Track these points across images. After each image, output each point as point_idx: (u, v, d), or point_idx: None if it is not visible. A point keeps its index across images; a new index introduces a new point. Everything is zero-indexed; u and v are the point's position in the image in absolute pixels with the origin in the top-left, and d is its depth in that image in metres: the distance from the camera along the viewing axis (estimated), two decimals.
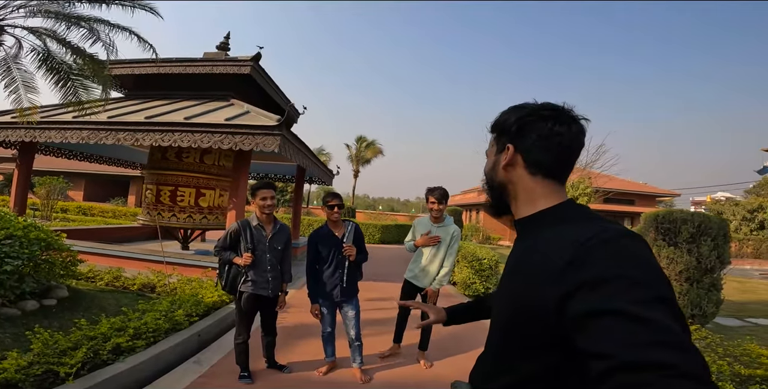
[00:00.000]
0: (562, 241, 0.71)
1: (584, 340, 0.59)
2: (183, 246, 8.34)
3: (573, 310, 0.61)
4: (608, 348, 0.55)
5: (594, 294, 0.60)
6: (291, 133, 6.24)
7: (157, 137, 6.15)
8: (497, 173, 0.91)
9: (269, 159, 10.15)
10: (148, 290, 5.12)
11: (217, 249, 3.08)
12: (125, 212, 18.55)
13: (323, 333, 3.33)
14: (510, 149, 0.86)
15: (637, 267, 0.61)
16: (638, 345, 0.52)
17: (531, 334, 0.72)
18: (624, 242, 0.65)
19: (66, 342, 2.84)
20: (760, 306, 7.62)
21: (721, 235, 4.87)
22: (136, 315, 3.56)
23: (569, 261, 0.66)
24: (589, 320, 0.59)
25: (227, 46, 8.33)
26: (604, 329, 0.56)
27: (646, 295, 0.57)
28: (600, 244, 0.65)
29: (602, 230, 0.68)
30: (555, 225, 0.78)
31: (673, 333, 0.53)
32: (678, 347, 0.52)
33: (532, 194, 0.85)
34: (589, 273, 0.62)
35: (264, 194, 3.03)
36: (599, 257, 0.64)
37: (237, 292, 3.03)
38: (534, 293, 0.71)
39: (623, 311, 0.55)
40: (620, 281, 0.59)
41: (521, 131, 0.85)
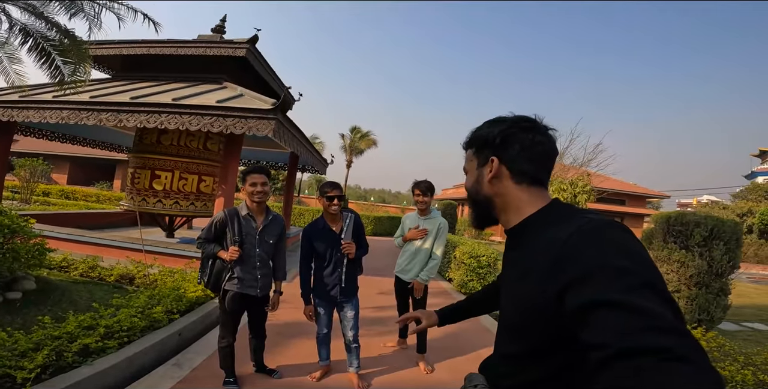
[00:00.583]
0: (548, 241, 0.73)
1: (583, 333, 0.60)
2: (167, 234, 7.97)
3: (569, 305, 0.63)
4: (604, 337, 0.56)
5: (584, 287, 0.61)
6: (286, 118, 5.89)
7: (142, 118, 5.77)
8: (482, 186, 0.92)
9: (261, 145, 9.78)
10: (126, 282, 4.77)
11: (200, 241, 2.73)
12: (110, 196, 18.06)
13: (318, 334, 3.04)
14: (495, 161, 0.89)
15: (620, 255, 0.62)
16: (632, 332, 0.53)
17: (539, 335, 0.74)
18: (604, 232, 0.67)
19: (27, 343, 2.52)
20: (753, 310, 7.55)
21: (734, 239, 4.68)
22: (110, 311, 3.22)
23: (556, 259, 0.68)
24: (584, 313, 0.60)
25: (223, 29, 7.92)
26: (598, 320, 0.57)
27: (633, 282, 0.58)
28: (581, 237, 0.68)
29: (583, 224, 0.70)
30: (542, 228, 0.80)
31: (664, 318, 0.54)
32: (671, 331, 0.52)
33: (519, 202, 0.88)
34: (577, 268, 0.64)
35: (254, 178, 2.66)
36: (583, 250, 0.66)
37: (221, 290, 2.69)
38: (534, 295, 0.73)
39: (613, 301, 0.57)
40: (606, 272, 0.60)
41: (505, 143, 0.88)
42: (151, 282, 4.57)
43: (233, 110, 5.50)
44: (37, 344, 2.55)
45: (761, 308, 7.94)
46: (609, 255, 0.62)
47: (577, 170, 15.43)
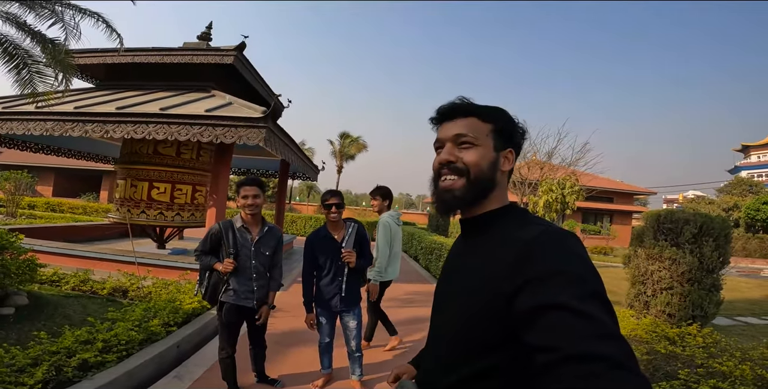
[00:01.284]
0: (511, 239, 0.74)
1: (532, 334, 0.61)
2: (159, 245, 7.85)
3: (521, 305, 0.64)
4: (554, 341, 0.57)
5: (540, 288, 0.63)
6: (277, 126, 5.88)
7: (129, 128, 5.70)
8: (496, 173, 0.88)
9: (251, 154, 9.72)
10: (119, 295, 4.69)
11: (197, 253, 2.72)
12: (97, 208, 17.76)
13: (320, 343, 3.02)
14: (512, 153, 0.89)
15: (578, 264, 0.65)
16: (580, 338, 0.55)
17: (485, 331, 0.73)
18: (566, 241, 0.70)
19: (24, 358, 2.48)
20: (745, 304, 7.67)
21: (722, 235, 4.77)
22: (106, 324, 3.17)
23: (516, 259, 0.69)
24: (535, 314, 0.61)
25: (209, 37, 7.86)
26: (549, 323, 0.59)
27: (585, 290, 0.60)
28: (545, 242, 0.69)
29: (546, 230, 0.72)
30: (502, 225, 0.82)
31: (610, 326, 0.57)
32: (614, 339, 0.55)
33: (501, 196, 0.89)
34: (536, 269, 0.65)
35: (246, 191, 2.64)
36: (545, 253, 0.67)
37: (218, 302, 2.67)
38: (486, 289, 0.73)
39: (567, 305, 0.58)
40: (565, 277, 0.62)
41: (520, 139, 0.90)
42: (145, 295, 4.50)
43: (223, 119, 5.47)
44: (35, 359, 2.50)
45: (753, 302, 8.06)
46: (568, 262, 0.65)
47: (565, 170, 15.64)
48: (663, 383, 2.73)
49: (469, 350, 0.77)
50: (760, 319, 6.35)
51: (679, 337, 3.55)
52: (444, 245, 8.21)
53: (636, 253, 5.27)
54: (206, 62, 6.92)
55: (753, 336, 4.94)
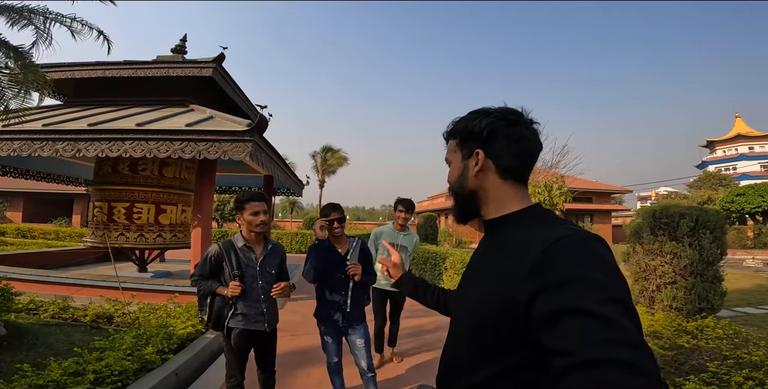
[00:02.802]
0: (531, 242, 0.72)
1: (549, 338, 0.60)
2: (140, 269, 7.45)
3: (540, 308, 0.63)
4: (572, 345, 0.56)
5: (560, 293, 0.61)
6: (263, 139, 5.67)
7: (104, 146, 5.38)
8: (468, 179, 0.90)
9: (231, 170, 9.43)
10: (104, 322, 4.36)
11: (195, 278, 2.47)
12: (70, 232, 17.05)
13: (329, 364, 2.82)
14: (480, 154, 0.87)
15: (600, 269, 0.63)
16: (600, 343, 0.54)
17: (502, 333, 0.72)
18: (589, 246, 0.68)
19: None
20: (739, 294, 7.78)
21: (719, 227, 4.80)
22: (95, 354, 2.91)
23: (538, 262, 0.67)
24: (554, 318, 0.60)
25: (184, 49, 7.64)
26: (569, 327, 0.58)
27: (607, 296, 0.59)
28: (567, 246, 0.67)
29: (569, 234, 0.70)
30: (524, 227, 0.80)
31: (631, 332, 0.56)
32: (635, 345, 0.54)
33: (503, 198, 0.87)
34: (556, 273, 0.64)
35: (255, 207, 2.42)
36: (566, 258, 0.66)
37: (225, 328, 2.44)
38: (505, 292, 0.71)
39: (587, 310, 0.57)
40: (585, 282, 0.61)
41: (492, 136, 0.86)
42: (132, 321, 4.19)
43: (205, 134, 5.23)
44: None
45: (746, 292, 8.21)
46: (591, 267, 0.64)
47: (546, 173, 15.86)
48: (691, 376, 2.65)
49: (485, 351, 0.76)
50: (758, 309, 6.44)
51: (698, 330, 3.50)
52: (438, 253, 8.04)
53: (635, 250, 5.25)
54: (183, 75, 6.69)
55: (759, 326, 4.96)
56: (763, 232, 21.25)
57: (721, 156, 52.54)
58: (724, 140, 52.84)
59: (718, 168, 49.35)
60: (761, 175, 42.92)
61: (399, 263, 1.38)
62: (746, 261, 16.71)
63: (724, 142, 53.00)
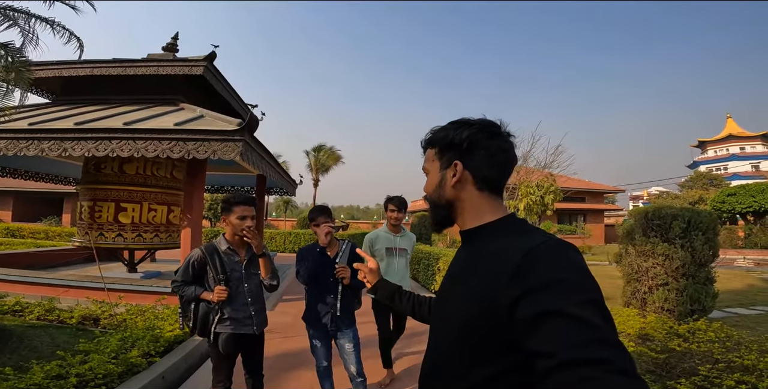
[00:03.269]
0: (511, 249, 0.74)
1: (532, 340, 0.63)
2: (129, 269, 7.35)
3: (523, 312, 0.65)
4: (553, 346, 0.59)
5: (541, 296, 0.64)
6: (254, 139, 5.60)
7: (90, 145, 5.28)
8: (445, 190, 0.91)
9: (222, 170, 9.34)
10: (90, 324, 4.30)
11: (177, 284, 2.39)
12: (59, 232, 16.84)
13: (318, 367, 2.77)
14: (459, 165, 0.88)
15: (576, 273, 0.67)
16: (581, 343, 0.57)
17: (486, 338, 0.72)
18: (565, 251, 0.71)
19: None
20: (730, 295, 7.80)
21: (711, 229, 4.81)
22: (78, 357, 2.85)
23: (519, 266, 0.69)
24: (536, 321, 0.62)
25: (175, 48, 7.52)
26: (548, 329, 0.61)
27: (585, 298, 0.62)
28: (546, 251, 0.71)
29: (546, 240, 0.73)
30: (501, 236, 0.81)
31: (607, 332, 0.59)
32: (612, 345, 0.57)
33: (479, 208, 0.88)
34: (538, 277, 0.66)
35: (244, 211, 2.35)
36: (546, 262, 0.69)
37: (211, 333, 2.36)
38: (488, 297, 0.72)
39: (564, 312, 0.60)
40: (564, 286, 0.64)
41: (471, 148, 0.87)
42: (119, 323, 4.12)
43: (194, 133, 5.14)
44: None
45: (737, 292, 8.24)
46: (568, 271, 0.66)
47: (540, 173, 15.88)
48: (683, 380, 2.63)
49: (471, 357, 0.76)
50: (749, 309, 6.46)
51: (689, 333, 3.49)
52: (431, 254, 8.01)
53: (627, 251, 5.25)
54: (173, 74, 6.59)
55: (750, 327, 4.96)
56: (753, 232, 21.43)
57: (713, 156, 53.02)
58: (716, 141, 53.32)
59: (710, 168, 49.79)
60: (752, 175, 43.34)
61: (375, 269, 1.36)
62: (737, 261, 16.85)
63: (715, 142, 53.49)
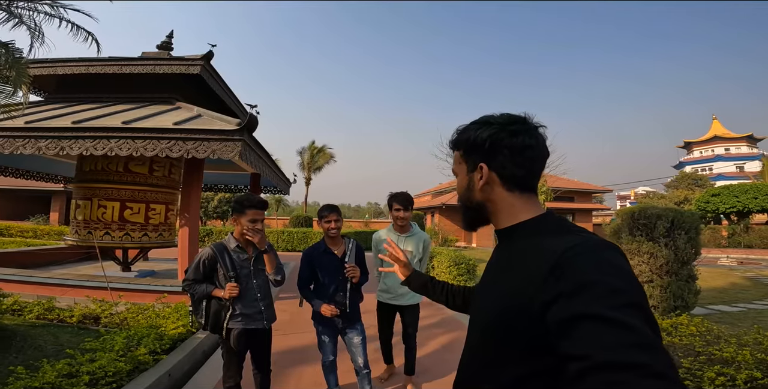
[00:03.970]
0: (545, 250, 0.73)
1: (564, 343, 0.61)
2: (123, 268, 7.34)
3: (555, 315, 0.64)
4: (587, 349, 0.57)
5: (575, 299, 0.62)
6: (253, 138, 5.65)
7: (88, 144, 5.30)
8: (474, 193, 0.91)
9: (215, 168, 9.34)
10: (90, 323, 4.33)
11: (188, 283, 2.49)
12: (48, 230, 16.62)
13: (324, 362, 2.87)
14: (484, 168, 0.87)
15: (615, 275, 0.64)
16: (616, 346, 0.55)
17: (520, 339, 0.72)
18: (604, 253, 0.69)
19: None
20: (713, 292, 8.06)
21: (693, 228, 5.01)
22: (87, 356, 2.91)
23: (553, 269, 0.68)
24: (569, 324, 0.61)
25: (170, 46, 7.54)
26: (584, 332, 0.59)
27: (623, 301, 0.60)
28: (582, 253, 0.68)
29: (583, 241, 0.71)
30: (537, 235, 0.80)
31: (646, 336, 0.56)
32: (651, 348, 0.55)
33: (512, 208, 0.87)
34: (572, 280, 0.65)
35: (256, 214, 2.45)
36: (581, 265, 0.66)
37: (224, 329, 2.47)
38: (521, 299, 0.72)
39: (602, 315, 0.58)
40: (599, 288, 0.62)
41: (494, 148, 0.85)
42: (120, 321, 4.17)
43: (194, 132, 5.19)
44: None
45: (720, 290, 8.50)
46: (605, 273, 0.64)
47: None
48: None
49: (504, 357, 0.77)
50: (731, 306, 6.69)
51: (672, 327, 3.65)
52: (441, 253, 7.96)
53: None
54: (170, 72, 6.61)
55: (731, 323, 5.17)
56: (737, 232, 21.97)
57: (698, 157, 54.12)
58: (701, 142, 54.42)
59: (695, 169, 50.82)
60: (736, 176, 44.34)
61: (405, 261, 1.43)
62: (720, 260, 17.28)
63: (700, 143, 54.60)
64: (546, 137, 0.89)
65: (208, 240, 17.21)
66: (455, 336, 4.72)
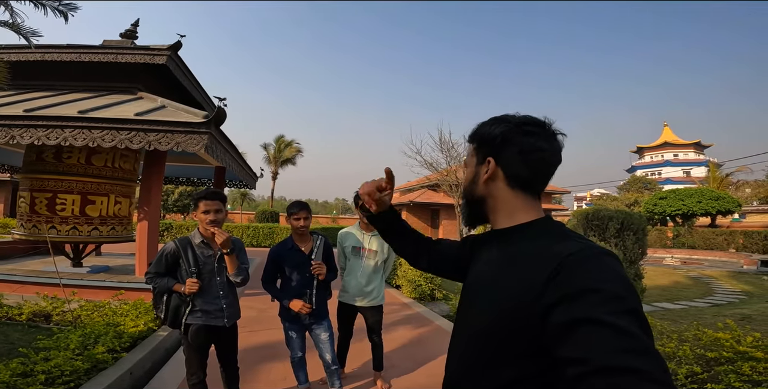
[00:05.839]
0: (547, 254, 0.74)
1: (564, 346, 0.62)
2: (74, 263, 6.92)
3: (556, 318, 0.65)
4: (588, 353, 0.58)
5: (576, 304, 0.64)
6: (220, 132, 5.53)
7: (41, 133, 5.03)
8: (477, 186, 0.92)
9: (178, 160, 9.06)
10: (41, 320, 4.14)
11: (150, 276, 2.44)
12: None
13: (293, 358, 2.89)
14: (491, 162, 0.88)
15: (615, 282, 0.65)
16: (614, 351, 0.56)
17: (516, 341, 0.73)
18: (603, 259, 0.70)
19: None
20: (657, 290, 8.63)
21: (641, 229, 5.36)
22: (42, 354, 2.79)
23: (555, 274, 0.69)
24: (570, 327, 0.62)
25: (135, 35, 7.22)
26: (585, 336, 0.60)
27: (623, 307, 0.61)
28: (583, 259, 0.69)
29: (583, 247, 0.72)
30: (536, 239, 0.81)
31: (644, 342, 0.57)
32: (648, 354, 0.56)
33: (511, 207, 0.88)
34: (573, 285, 0.66)
35: (206, 205, 2.41)
36: (582, 271, 0.67)
37: (182, 325, 2.43)
38: (520, 302, 0.73)
39: (601, 320, 0.59)
40: (602, 294, 0.63)
41: (504, 144, 0.86)
42: (74, 319, 3.99)
43: (157, 124, 5.02)
44: None
45: (664, 288, 9.09)
46: (607, 280, 0.65)
47: None
48: None
49: (498, 359, 0.77)
50: (674, 304, 7.19)
51: None
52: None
53: None
54: (133, 62, 6.34)
55: (674, 320, 5.54)
56: (681, 233, 23.48)
57: (649, 162, 57.43)
58: (653, 147, 57.78)
59: (646, 173, 53.89)
60: (683, 180, 47.34)
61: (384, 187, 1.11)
62: (666, 260, 18.40)
63: (652, 148, 57.96)
64: (563, 145, 0.88)
65: (168, 235, 16.64)
66: (420, 331, 4.85)
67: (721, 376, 2.58)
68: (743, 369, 2.52)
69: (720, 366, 2.71)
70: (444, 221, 23.88)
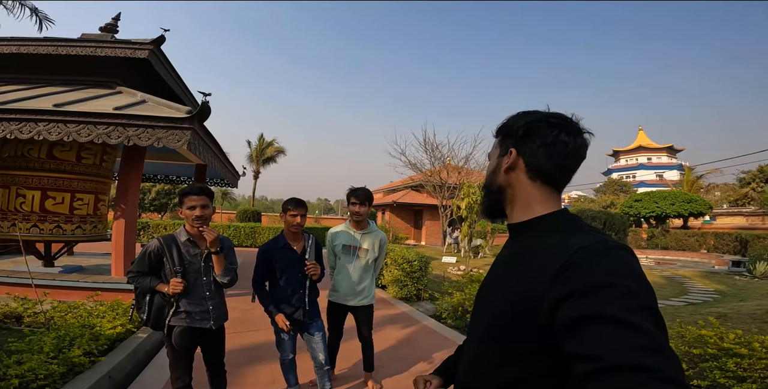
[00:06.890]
0: (558, 248, 0.72)
1: (573, 342, 0.61)
2: (45, 263, 6.61)
3: (565, 314, 0.63)
4: (599, 350, 0.57)
5: (586, 299, 0.62)
6: (203, 128, 5.39)
7: (13, 127, 4.81)
8: (498, 176, 0.92)
9: (156, 157, 8.80)
10: (12, 322, 3.95)
11: (132, 275, 2.32)
12: None
13: (284, 360, 2.81)
14: (513, 152, 0.88)
15: (628, 277, 0.63)
16: (625, 348, 0.55)
17: (525, 337, 0.72)
18: (617, 254, 0.68)
19: None
20: None
21: (622, 229, 5.50)
22: (14, 358, 2.64)
23: (565, 267, 0.67)
24: (580, 323, 0.60)
25: (115, 29, 6.97)
26: (596, 332, 0.58)
27: (635, 303, 0.60)
28: (595, 253, 0.68)
29: (597, 241, 0.70)
30: (550, 233, 0.79)
31: (659, 339, 0.56)
32: (661, 352, 0.55)
33: (529, 199, 0.87)
34: (583, 280, 0.64)
35: (193, 201, 2.29)
36: (594, 265, 0.66)
37: (165, 327, 2.32)
38: (529, 297, 0.71)
39: (614, 317, 0.58)
40: (613, 289, 0.61)
41: (527, 135, 0.86)
42: (46, 321, 3.81)
43: (137, 119, 4.85)
44: None
45: None
46: (618, 275, 0.64)
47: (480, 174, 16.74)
48: None
49: (509, 355, 0.76)
50: None
51: None
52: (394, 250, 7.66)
53: None
54: (113, 56, 6.11)
55: None
56: (655, 234, 24.18)
57: (624, 165, 59.06)
58: (627, 151, 59.44)
59: (621, 176, 55.38)
60: (656, 183, 48.89)
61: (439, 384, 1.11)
62: (640, 260, 18.93)
63: (627, 152, 59.61)
64: (589, 142, 0.87)
65: (144, 234, 16.21)
66: (408, 331, 4.82)
67: (707, 373, 2.64)
68: (728, 365, 2.58)
69: (704, 362, 2.77)
70: (427, 222, 23.95)
